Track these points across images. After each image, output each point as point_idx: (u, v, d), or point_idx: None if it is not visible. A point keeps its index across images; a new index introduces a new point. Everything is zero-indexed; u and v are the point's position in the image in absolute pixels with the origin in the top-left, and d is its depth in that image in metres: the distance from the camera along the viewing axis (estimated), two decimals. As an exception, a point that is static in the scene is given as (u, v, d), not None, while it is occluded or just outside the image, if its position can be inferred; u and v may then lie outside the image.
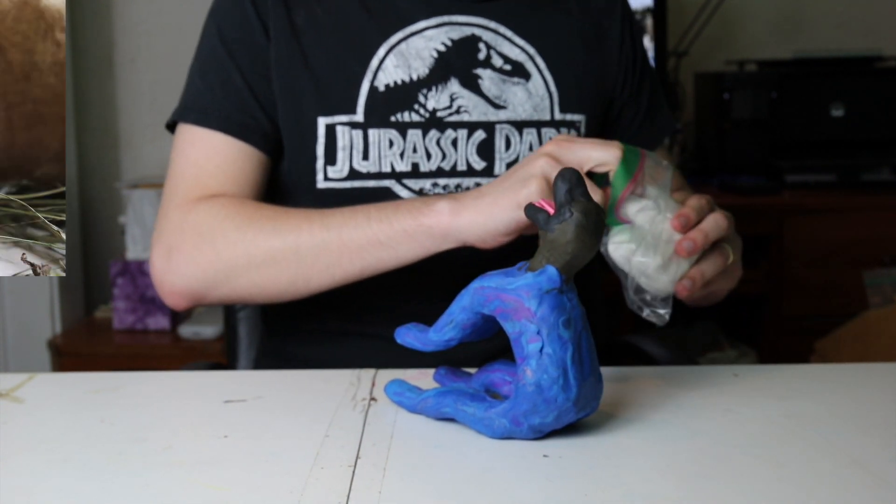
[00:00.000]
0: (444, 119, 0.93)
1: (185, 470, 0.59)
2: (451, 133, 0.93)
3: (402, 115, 0.92)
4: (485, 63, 0.95)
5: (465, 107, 0.94)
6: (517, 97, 0.95)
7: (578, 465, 0.59)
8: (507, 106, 0.95)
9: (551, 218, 0.61)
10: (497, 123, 0.95)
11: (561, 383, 0.61)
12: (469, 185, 0.94)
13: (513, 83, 0.96)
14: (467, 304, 0.64)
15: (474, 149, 0.94)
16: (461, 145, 0.94)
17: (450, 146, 0.93)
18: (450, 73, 0.94)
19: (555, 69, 0.97)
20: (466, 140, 0.94)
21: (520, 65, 0.96)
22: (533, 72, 0.97)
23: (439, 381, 0.73)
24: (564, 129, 0.97)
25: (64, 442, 0.64)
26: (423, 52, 0.93)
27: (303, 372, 0.81)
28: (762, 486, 0.56)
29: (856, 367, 0.80)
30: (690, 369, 0.80)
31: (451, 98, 0.94)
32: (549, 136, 0.96)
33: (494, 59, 0.95)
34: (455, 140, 0.93)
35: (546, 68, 0.97)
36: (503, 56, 0.96)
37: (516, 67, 0.96)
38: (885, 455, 0.61)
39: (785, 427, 0.67)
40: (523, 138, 0.95)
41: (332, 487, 0.56)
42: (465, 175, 0.94)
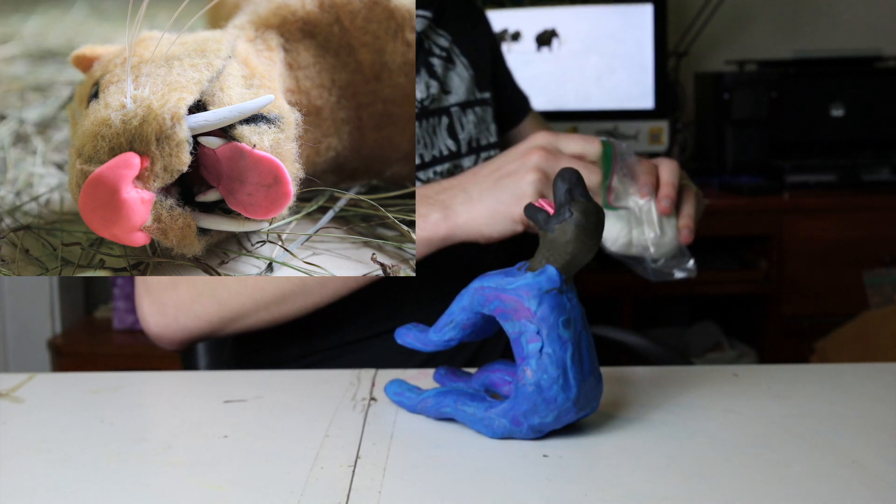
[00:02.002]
0: (428, 108, 0.98)
1: (185, 470, 0.59)
2: (434, 120, 0.99)
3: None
4: (430, 52, 1.02)
5: (435, 94, 0.99)
6: (454, 81, 1.03)
7: (578, 465, 0.59)
8: (451, 91, 1.02)
9: (551, 218, 0.61)
10: (451, 107, 1.01)
11: (561, 383, 0.61)
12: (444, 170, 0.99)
13: (448, 69, 1.03)
14: (467, 304, 0.64)
15: (446, 133, 0.99)
16: (440, 132, 0.99)
17: (432, 134, 0.98)
18: (420, 63, 1.00)
19: (466, 53, 1.06)
20: (439, 126, 1.00)
21: (448, 51, 1.04)
22: (455, 57, 1.05)
23: (439, 381, 0.73)
24: (486, 107, 1.06)
25: (64, 442, 0.64)
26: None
27: (303, 372, 0.81)
28: (762, 486, 0.56)
29: (856, 367, 0.80)
30: (690, 369, 0.80)
31: (427, 87, 0.99)
32: (479, 114, 1.05)
33: (434, 48, 1.03)
34: (435, 127, 0.99)
35: (460, 53, 1.05)
36: (438, 45, 1.03)
37: (447, 54, 1.04)
38: (885, 455, 0.61)
39: (785, 427, 0.67)
40: (467, 118, 1.03)
41: (332, 487, 0.56)
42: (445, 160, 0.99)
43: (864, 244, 2.03)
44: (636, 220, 0.83)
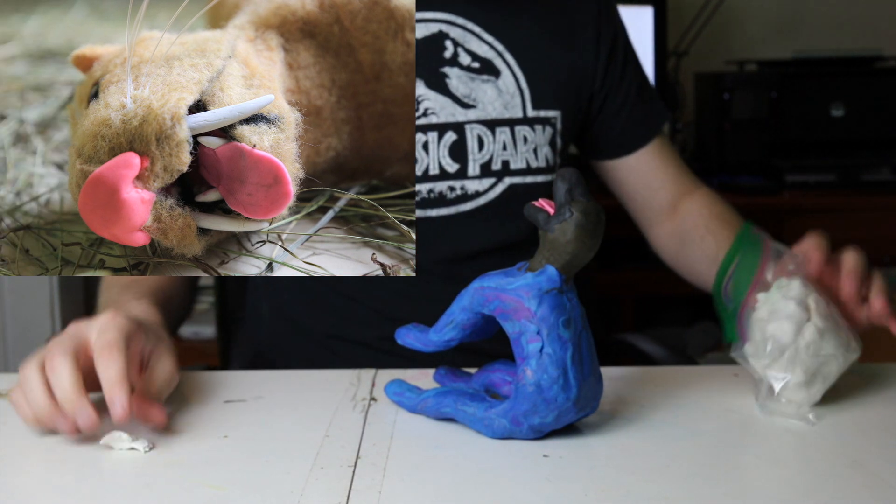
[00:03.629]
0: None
1: (185, 470, 0.59)
2: (422, 136, 0.91)
3: None
4: (451, 61, 0.93)
5: (431, 108, 0.91)
6: (487, 95, 0.93)
7: (578, 465, 0.59)
8: (476, 105, 0.93)
9: (551, 218, 0.61)
10: (466, 123, 0.92)
11: (561, 383, 0.61)
12: (441, 189, 0.91)
13: (482, 81, 0.93)
14: (467, 305, 0.64)
15: (446, 150, 0.91)
16: (432, 148, 0.91)
17: (421, 150, 0.91)
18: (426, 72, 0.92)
19: (525, 65, 0.95)
20: (437, 142, 0.91)
21: (488, 62, 0.94)
22: (502, 69, 0.94)
23: (439, 381, 0.73)
24: (539, 127, 0.95)
25: (64, 442, 0.64)
26: None
27: (303, 372, 0.81)
28: (762, 486, 0.56)
29: (856, 368, 0.80)
30: (690, 369, 0.80)
31: (418, 101, 0.91)
32: (522, 134, 0.94)
33: (462, 56, 0.93)
34: (426, 143, 0.91)
35: (516, 65, 0.95)
36: (471, 53, 0.94)
37: (485, 65, 0.94)
38: (885, 455, 0.61)
39: (785, 427, 0.67)
40: (496, 137, 0.93)
41: (332, 487, 0.56)
42: (438, 179, 0.91)
43: (864, 244, 2.02)
44: (788, 355, 0.69)
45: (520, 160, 0.94)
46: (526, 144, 0.94)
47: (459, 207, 0.92)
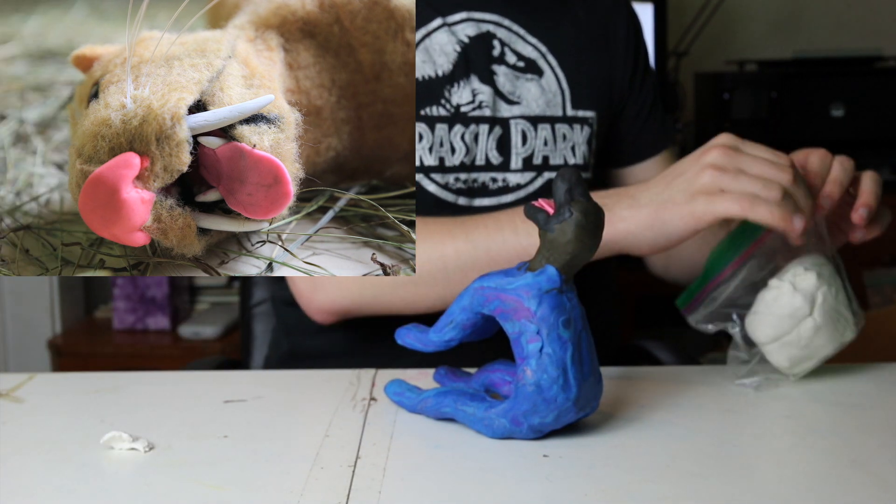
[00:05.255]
0: (467, 114, 0.95)
1: (185, 470, 0.59)
2: (474, 128, 0.95)
3: (430, 109, 0.93)
4: (499, 59, 0.97)
5: (485, 102, 0.95)
6: (530, 93, 0.97)
7: (578, 465, 0.59)
8: (520, 101, 0.97)
9: (551, 218, 0.61)
10: (511, 119, 0.96)
11: (561, 383, 0.61)
12: (485, 180, 0.96)
13: (526, 79, 0.98)
14: (467, 305, 0.64)
15: (494, 143, 0.96)
16: (482, 140, 0.95)
17: (472, 141, 0.95)
18: (470, 68, 0.95)
19: (566, 67, 0.99)
20: (487, 135, 0.96)
21: (532, 62, 0.98)
22: (545, 69, 0.99)
23: (439, 381, 0.73)
24: (577, 126, 0.99)
25: (64, 442, 0.64)
26: (447, 47, 0.95)
27: (303, 372, 0.81)
28: (762, 486, 0.56)
29: (856, 367, 0.80)
30: (690, 369, 0.80)
31: (473, 93, 0.95)
32: (562, 131, 0.98)
33: (508, 55, 0.97)
34: (477, 135, 0.95)
35: (557, 66, 0.99)
36: (516, 53, 0.98)
37: (529, 64, 0.98)
38: (885, 455, 0.61)
39: (785, 427, 0.67)
40: (538, 133, 0.97)
41: (332, 487, 0.56)
42: (483, 170, 0.96)
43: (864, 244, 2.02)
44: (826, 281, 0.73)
45: (558, 156, 0.98)
46: (565, 142, 0.99)
47: (501, 199, 0.97)
